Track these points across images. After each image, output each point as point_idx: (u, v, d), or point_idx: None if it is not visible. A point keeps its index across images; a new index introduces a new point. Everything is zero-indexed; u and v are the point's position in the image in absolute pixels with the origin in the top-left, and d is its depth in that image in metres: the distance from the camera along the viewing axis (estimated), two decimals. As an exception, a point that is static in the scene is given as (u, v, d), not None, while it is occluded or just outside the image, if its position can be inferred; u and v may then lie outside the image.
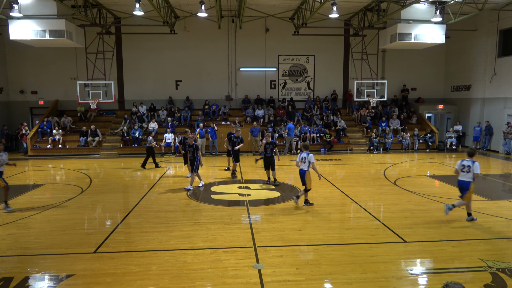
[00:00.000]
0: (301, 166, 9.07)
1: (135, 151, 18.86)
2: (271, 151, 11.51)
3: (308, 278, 5.43)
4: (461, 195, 8.07)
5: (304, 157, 8.99)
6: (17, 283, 5.33)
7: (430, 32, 17.39)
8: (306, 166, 8.96)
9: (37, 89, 21.28)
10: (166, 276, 5.52)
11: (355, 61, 20.06)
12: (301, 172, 9.07)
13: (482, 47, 19.76)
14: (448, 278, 5.03)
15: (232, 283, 5.29)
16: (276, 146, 11.88)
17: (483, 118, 19.81)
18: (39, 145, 19.00)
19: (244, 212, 8.71)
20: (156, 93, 21.78)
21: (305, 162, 8.97)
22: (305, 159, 8.97)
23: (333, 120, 21.03)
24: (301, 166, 9.06)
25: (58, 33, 15.80)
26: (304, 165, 9.00)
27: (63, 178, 13.66)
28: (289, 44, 21.75)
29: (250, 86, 22.22)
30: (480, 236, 7.16)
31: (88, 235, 7.33)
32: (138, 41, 21.01)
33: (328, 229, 7.57)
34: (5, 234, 7.36)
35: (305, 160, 8.96)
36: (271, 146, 11.54)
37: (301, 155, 9.06)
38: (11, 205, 9.18)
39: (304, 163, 9.00)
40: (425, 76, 22.95)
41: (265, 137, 11.96)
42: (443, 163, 16.22)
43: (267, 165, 11.68)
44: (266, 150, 11.55)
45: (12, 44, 19.25)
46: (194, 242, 6.88)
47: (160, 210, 9.18)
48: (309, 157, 8.92)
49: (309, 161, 8.91)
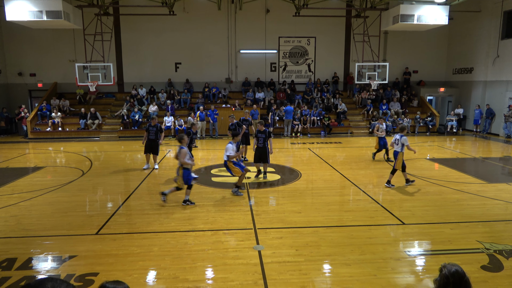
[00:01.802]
0: (394, 148, 9.39)
1: (135, 133, 18.83)
2: (263, 141, 10.07)
3: (307, 259, 5.50)
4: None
5: (397, 139, 9.29)
6: (20, 263, 5.41)
7: (433, 14, 17.11)
8: (399, 147, 9.22)
9: (35, 71, 21.11)
10: (168, 257, 5.60)
11: (357, 43, 19.80)
12: (394, 153, 9.39)
13: (485, 29, 19.49)
14: (446, 260, 5.11)
15: (233, 264, 5.37)
16: (271, 137, 10.25)
17: (484, 101, 19.70)
18: (39, 128, 18.97)
19: (244, 195, 8.77)
20: (156, 76, 21.61)
21: (398, 144, 9.25)
22: (398, 140, 9.27)
23: (334, 103, 20.93)
24: (395, 148, 9.37)
25: (55, 14, 15.55)
26: (397, 147, 9.27)
27: (63, 161, 13.70)
28: (290, 26, 21.45)
29: (250, 69, 22.02)
30: (478, 219, 7.22)
31: (89, 217, 7.40)
32: (136, 22, 20.71)
33: (328, 212, 7.64)
34: (7, 216, 7.42)
35: (398, 142, 9.24)
36: (263, 135, 10.10)
37: (395, 137, 9.40)
38: (14, 187, 9.23)
39: (397, 144, 9.28)
40: (427, 58, 22.71)
41: (257, 125, 10.40)
42: (443, 146, 16.23)
43: (258, 157, 10.16)
44: (258, 140, 10.17)
45: (9, 26, 18.98)
46: (194, 224, 6.95)
47: (157, 191, 9.23)
48: (402, 139, 9.17)
49: (402, 143, 9.15)
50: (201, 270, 5.23)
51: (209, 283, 4.92)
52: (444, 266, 2.69)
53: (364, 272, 5.11)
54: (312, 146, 16.32)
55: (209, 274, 5.15)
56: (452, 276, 2.61)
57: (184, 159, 7.82)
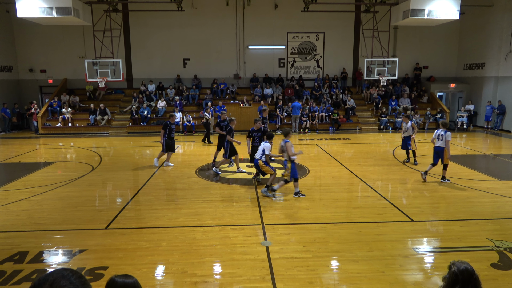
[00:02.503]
0: (437, 143, 9.31)
1: (144, 129, 18.96)
2: (259, 140, 9.62)
3: (315, 255, 5.50)
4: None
5: (441, 135, 9.20)
6: (32, 257, 5.50)
7: (444, 8, 16.84)
8: (443, 143, 9.15)
9: (46, 67, 21.33)
10: (176, 252, 5.64)
11: (366, 38, 19.60)
12: (437, 149, 9.28)
13: (497, 24, 19.14)
14: (455, 257, 5.05)
15: (240, 259, 5.39)
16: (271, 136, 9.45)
17: (496, 97, 19.39)
18: (49, 124, 19.21)
19: (252, 191, 8.78)
20: (164, 72, 21.69)
21: (442, 140, 9.17)
22: (442, 136, 9.18)
23: (342, 99, 20.80)
24: (437, 143, 9.31)
25: (65, 11, 15.67)
26: (441, 142, 9.21)
27: (73, 156, 13.86)
28: (298, 21, 21.32)
29: (259, 65, 21.96)
30: (488, 216, 7.14)
31: (99, 212, 7.48)
32: (145, 18, 20.78)
33: (336, 208, 7.62)
34: (19, 210, 7.55)
35: (443, 138, 9.16)
36: (259, 134, 9.71)
37: (438, 132, 9.31)
38: (26, 182, 9.37)
39: (441, 140, 9.21)
40: (437, 54, 22.41)
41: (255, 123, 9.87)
42: (453, 143, 16.02)
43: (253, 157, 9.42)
44: (254, 139, 9.71)
45: (20, 22, 19.21)
46: (203, 219, 6.99)
47: (169, 188, 9.31)
48: (446, 135, 9.11)
49: (446, 139, 9.09)
50: (209, 265, 5.27)
51: (217, 278, 4.95)
52: (453, 263, 2.68)
53: (372, 269, 5.09)
54: (320, 142, 16.27)
55: (217, 269, 5.18)
56: (461, 273, 2.59)
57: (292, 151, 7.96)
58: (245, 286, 4.71)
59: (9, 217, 7.21)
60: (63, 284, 1.34)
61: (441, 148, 9.20)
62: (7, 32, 20.37)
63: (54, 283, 1.34)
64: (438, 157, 9.32)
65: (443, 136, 9.15)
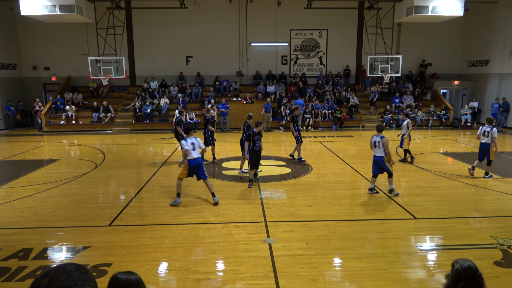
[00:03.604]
0: (482, 140, 9.30)
1: (147, 127, 19.00)
2: (259, 143, 9.02)
3: (317, 252, 5.51)
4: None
5: (487, 131, 9.22)
6: (36, 253, 5.54)
7: (448, 4, 16.73)
8: (489, 139, 9.18)
9: (49, 65, 21.39)
10: (179, 249, 5.66)
11: (369, 35, 19.49)
12: (483, 145, 9.30)
13: (502, 20, 18.99)
14: (458, 255, 5.05)
15: (243, 256, 5.40)
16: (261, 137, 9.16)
17: (500, 95, 19.26)
18: (53, 121, 19.29)
19: (255, 188, 8.79)
20: (167, 69, 21.70)
21: (488, 136, 9.19)
22: (488, 133, 9.20)
23: (346, 96, 20.74)
24: (482, 139, 9.30)
25: (68, 8, 15.70)
26: (487, 139, 9.22)
27: (77, 154, 13.92)
28: (301, 18, 21.24)
29: (261, 62, 21.92)
30: (492, 214, 7.12)
31: (103, 209, 7.52)
32: (148, 16, 20.78)
33: (339, 205, 7.61)
34: (23, 207, 7.60)
35: (488, 134, 9.19)
36: (260, 137, 9.02)
37: (483, 129, 9.31)
38: (30, 179, 9.42)
39: (487, 136, 9.22)
40: (441, 51, 22.28)
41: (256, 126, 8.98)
42: (457, 140, 15.98)
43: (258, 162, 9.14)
44: (255, 143, 8.89)
45: (23, 20, 19.23)
46: (205, 216, 7.00)
47: (172, 185, 9.31)
48: (492, 131, 9.13)
49: (493, 135, 9.11)
50: (212, 262, 5.28)
51: (220, 275, 4.97)
52: (456, 261, 2.67)
53: (375, 266, 5.09)
54: (323, 139, 16.24)
55: (219, 266, 5.20)
56: (465, 271, 2.59)
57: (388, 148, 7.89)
58: (248, 283, 4.72)
59: (13, 214, 7.26)
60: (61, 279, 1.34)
61: (487, 144, 9.26)
62: (10, 29, 20.44)
63: (54, 278, 1.35)
64: (483, 153, 9.37)
65: (489, 133, 9.20)
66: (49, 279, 1.34)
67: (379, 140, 7.89)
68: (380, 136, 7.91)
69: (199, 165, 7.53)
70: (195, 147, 7.50)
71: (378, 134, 7.98)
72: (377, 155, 7.99)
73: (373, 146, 8.04)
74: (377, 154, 7.98)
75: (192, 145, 7.46)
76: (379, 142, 7.89)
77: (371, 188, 8.29)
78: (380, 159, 7.96)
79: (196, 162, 7.47)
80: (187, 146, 7.39)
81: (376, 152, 7.99)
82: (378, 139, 7.91)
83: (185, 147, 7.38)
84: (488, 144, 9.25)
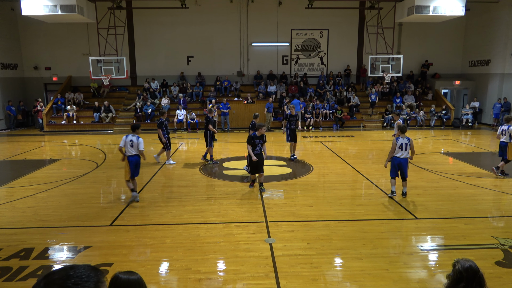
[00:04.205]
0: (501, 139, 9.42)
1: (148, 127, 18.98)
2: (260, 147, 8.58)
3: (318, 252, 5.50)
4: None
5: (504, 130, 9.32)
6: (37, 253, 5.55)
7: (449, 4, 16.71)
8: (507, 138, 9.27)
9: (50, 65, 21.42)
10: (180, 248, 5.67)
11: (370, 35, 19.48)
12: (501, 144, 9.42)
13: (503, 20, 18.96)
14: (459, 255, 5.05)
15: (244, 256, 5.41)
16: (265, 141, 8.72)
17: (501, 95, 19.23)
18: (54, 121, 19.31)
19: (256, 188, 8.79)
20: (168, 69, 21.71)
21: (506, 135, 9.29)
22: (505, 131, 9.30)
23: (346, 96, 20.72)
24: (501, 138, 9.42)
25: (69, 8, 15.72)
26: (505, 137, 9.32)
27: (78, 153, 13.93)
28: (302, 18, 21.23)
29: (262, 62, 21.92)
30: (493, 214, 7.11)
31: (104, 209, 7.53)
32: (149, 16, 20.78)
33: (340, 205, 7.61)
34: (25, 207, 7.61)
35: (506, 133, 9.28)
36: (262, 141, 8.57)
37: (502, 128, 9.42)
38: (31, 179, 9.44)
39: (504, 135, 9.32)
40: (442, 51, 22.25)
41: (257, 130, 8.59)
42: (458, 140, 15.96)
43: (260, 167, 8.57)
44: (255, 146, 8.45)
45: (25, 20, 19.25)
46: (206, 216, 7.01)
47: (173, 185, 9.34)
48: (509, 130, 9.22)
49: (510, 134, 9.20)
50: (213, 262, 5.28)
51: (220, 275, 4.97)
52: (457, 261, 2.67)
53: (376, 266, 5.09)
54: (324, 139, 16.24)
55: (220, 266, 5.20)
56: (466, 271, 2.58)
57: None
58: (249, 283, 4.72)
59: (15, 213, 7.27)
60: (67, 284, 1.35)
61: (504, 143, 9.34)
62: (12, 29, 20.46)
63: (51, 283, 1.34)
64: (502, 151, 9.45)
65: (506, 131, 9.27)
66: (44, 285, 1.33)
67: (406, 142, 7.72)
68: (407, 138, 7.77)
69: (138, 162, 7.92)
70: (133, 145, 7.79)
71: (403, 136, 7.82)
72: (402, 157, 7.77)
73: (399, 148, 7.74)
74: (402, 156, 7.76)
75: (130, 142, 7.78)
76: (407, 144, 7.71)
77: (393, 191, 8.00)
78: (405, 161, 7.82)
79: (135, 159, 7.84)
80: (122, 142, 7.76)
81: (402, 155, 7.75)
82: (405, 141, 7.73)
83: (121, 144, 7.76)
84: (506, 143, 9.33)
